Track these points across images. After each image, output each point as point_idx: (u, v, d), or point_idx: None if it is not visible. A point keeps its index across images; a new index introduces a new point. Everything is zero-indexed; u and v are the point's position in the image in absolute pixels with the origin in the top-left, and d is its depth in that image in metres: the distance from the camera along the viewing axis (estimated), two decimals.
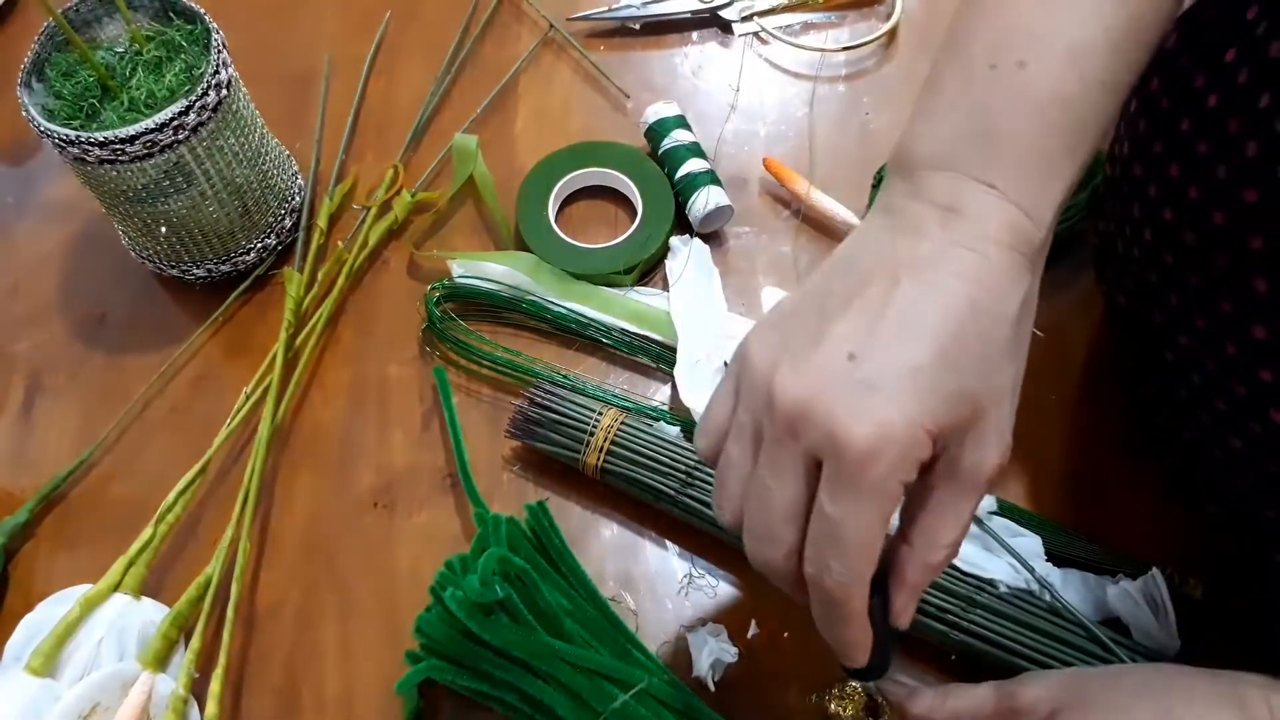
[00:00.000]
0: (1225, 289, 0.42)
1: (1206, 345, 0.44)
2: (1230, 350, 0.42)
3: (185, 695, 0.49)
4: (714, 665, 0.50)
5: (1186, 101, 0.44)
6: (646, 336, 0.61)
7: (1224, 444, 0.45)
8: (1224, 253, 0.42)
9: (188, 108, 0.54)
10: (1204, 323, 0.44)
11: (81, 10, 0.58)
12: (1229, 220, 0.41)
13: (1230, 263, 0.41)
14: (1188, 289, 0.44)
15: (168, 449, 0.59)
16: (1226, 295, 0.42)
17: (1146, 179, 0.47)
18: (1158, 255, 0.46)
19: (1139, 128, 0.48)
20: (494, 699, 0.48)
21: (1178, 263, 0.45)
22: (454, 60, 0.74)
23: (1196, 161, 0.43)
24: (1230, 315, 0.42)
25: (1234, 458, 0.45)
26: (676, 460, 0.54)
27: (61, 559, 0.56)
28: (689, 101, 0.70)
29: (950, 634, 0.50)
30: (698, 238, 0.64)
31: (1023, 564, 0.50)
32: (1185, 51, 0.44)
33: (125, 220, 0.59)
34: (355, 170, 0.69)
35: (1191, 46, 0.44)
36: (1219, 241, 0.42)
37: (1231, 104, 0.41)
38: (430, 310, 0.61)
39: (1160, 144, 0.46)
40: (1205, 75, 0.43)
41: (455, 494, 0.57)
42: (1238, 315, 0.42)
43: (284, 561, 0.56)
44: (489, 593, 0.47)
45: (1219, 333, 0.43)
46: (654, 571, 0.54)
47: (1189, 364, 0.46)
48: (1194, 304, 0.44)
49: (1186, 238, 0.44)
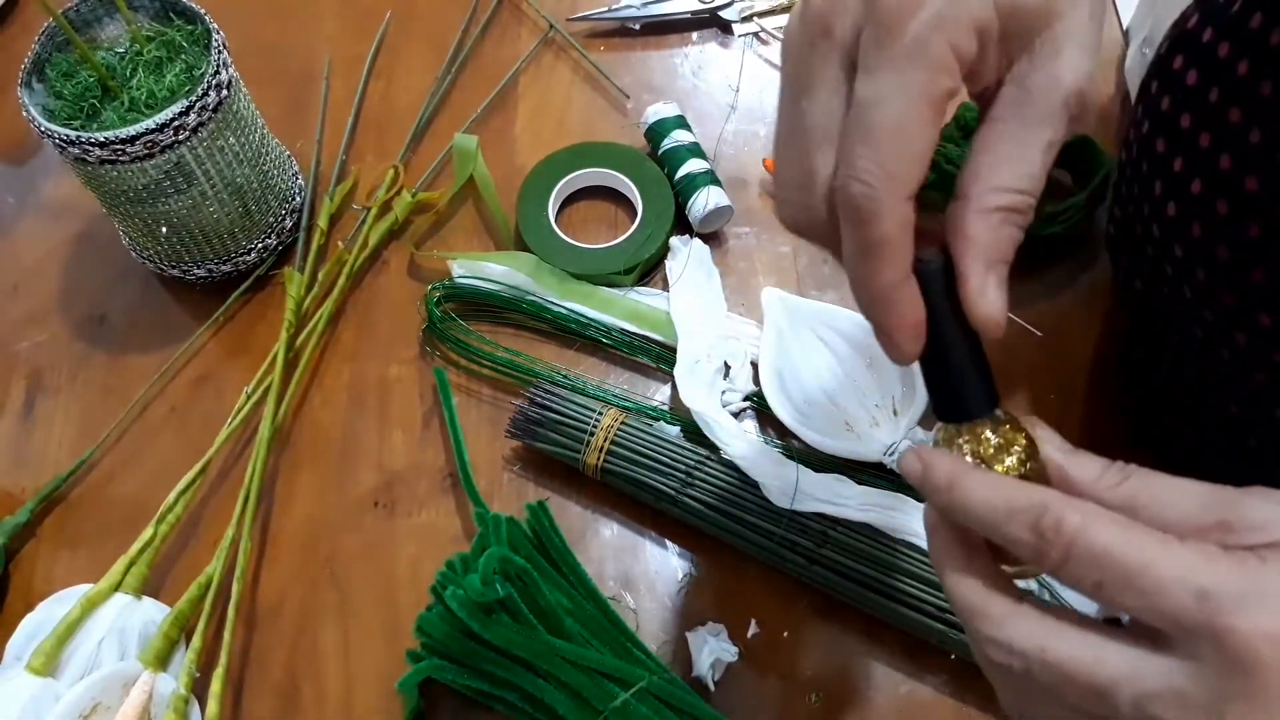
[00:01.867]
0: (1242, 272, 0.41)
1: (1231, 324, 0.41)
2: (1244, 338, 0.41)
3: (186, 694, 0.49)
4: (714, 665, 0.50)
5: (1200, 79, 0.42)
6: (646, 336, 0.61)
7: (1241, 440, 0.43)
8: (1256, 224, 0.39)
9: (188, 108, 0.54)
10: (1233, 300, 0.41)
11: (82, 10, 0.58)
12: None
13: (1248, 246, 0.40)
14: (1213, 263, 0.42)
15: (168, 449, 0.59)
16: (1246, 277, 0.40)
17: (1167, 156, 0.45)
18: (1177, 235, 0.44)
19: (1156, 109, 0.46)
20: (495, 698, 0.48)
21: (1201, 239, 0.42)
22: (454, 60, 0.74)
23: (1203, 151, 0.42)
24: (1245, 301, 0.41)
25: (1249, 454, 0.44)
26: (676, 460, 0.54)
27: (62, 559, 0.56)
28: (689, 102, 0.70)
29: (950, 633, 0.50)
30: (698, 238, 0.64)
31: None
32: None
33: (126, 220, 0.59)
34: (355, 170, 0.69)
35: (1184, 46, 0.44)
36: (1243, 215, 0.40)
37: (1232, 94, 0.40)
38: (430, 310, 0.61)
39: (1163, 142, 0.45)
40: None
41: (455, 494, 0.57)
42: (1254, 300, 0.40)
43: (285, 561, 0.56)
44: (490, 592, 0.47)
45: (1241, 312, 0.41)
46: (654, 571, 0.54)
47: (1211, 346, 0.43)
48: (1218, 282, 0.41)
49: (1208, 213, 0.41)
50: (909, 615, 0.50)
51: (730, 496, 0.53)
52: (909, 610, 0.50)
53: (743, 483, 0.53)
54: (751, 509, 0.53)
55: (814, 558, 0.52)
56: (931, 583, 0.50)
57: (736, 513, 0.53)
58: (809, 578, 0.52)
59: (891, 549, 0.52)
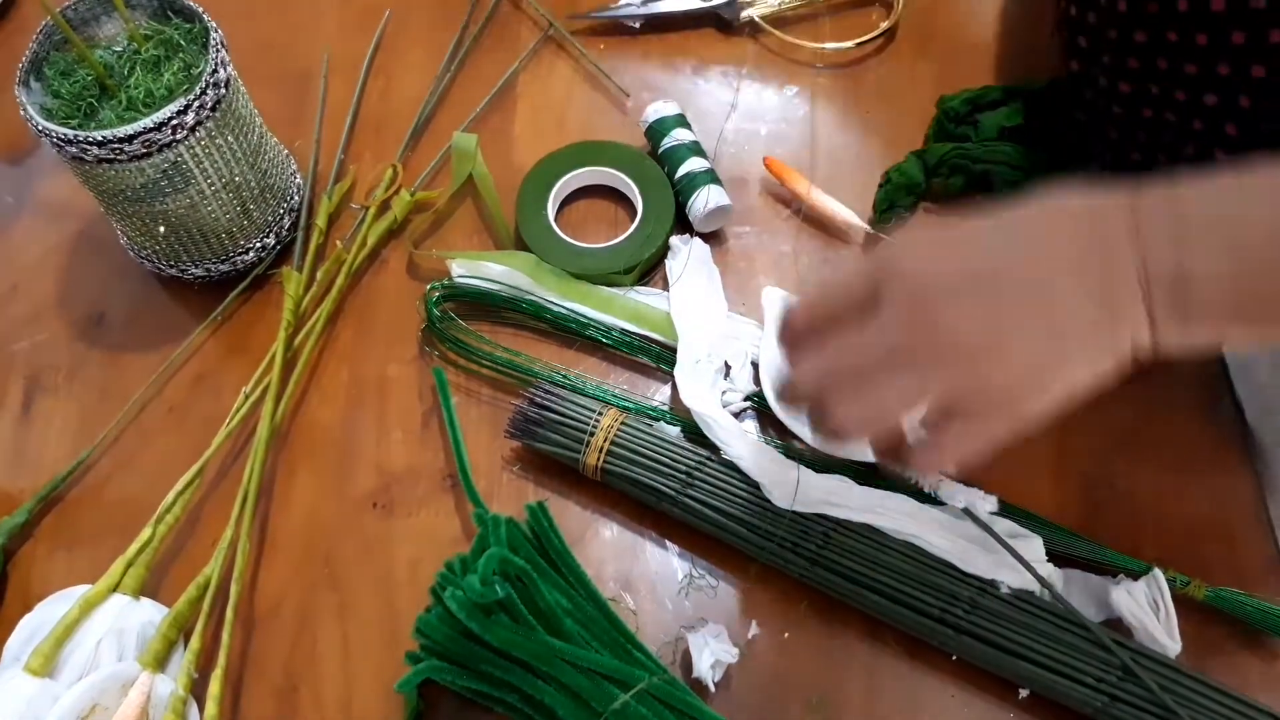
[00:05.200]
0: None
1: None
2: None
3: (184, 696, 0.49)
4: (714, 665, 0.50)
5: None
6: (646, 336, 0.61)
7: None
8: None
9: (186, 107, 0.53)
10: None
11: (79, 9, 0.57)
12: None
13: None
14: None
15: (166, 449, 0.59)
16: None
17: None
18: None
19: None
20: (494, 699, 0.48)
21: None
22: (453, 59, 0.74)
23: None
24: None
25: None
26: (677, 460, 0.54)
27: (60, 559, 0.56)
28: (689, 100, 0.70)
29: (950, 634, 0.50)
30: (698, 237, 0.64)
31: (1024, 565, 0.50)
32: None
33: (124, 219, 0.59)
34: (354, 169, 0.69)
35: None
36: None
37: None
38: (429, 310, 0.61)
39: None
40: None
41: (455, 494, 0.57)
42: None
43: (283, 562, 0.56)
44: (489, 593, 0.47)
45: None
46: (654, 571, 0.54)
47: None
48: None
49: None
50: (909, 616, 0.50)
51: (731, 497, 0.53)
52: (909, 611, 0.50)
53: (743, 483, 0.53)
54: (752, 510, 0.53)
55: (815, 558, 0.52)
56: (933, 584, 0.50)
57: (737, 513, 0.53)
58: (809, 578, 0.52)
59: (893, 550, 0.52)
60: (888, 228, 0.63)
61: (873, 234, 0.63)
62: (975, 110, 0.66)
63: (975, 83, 0.68)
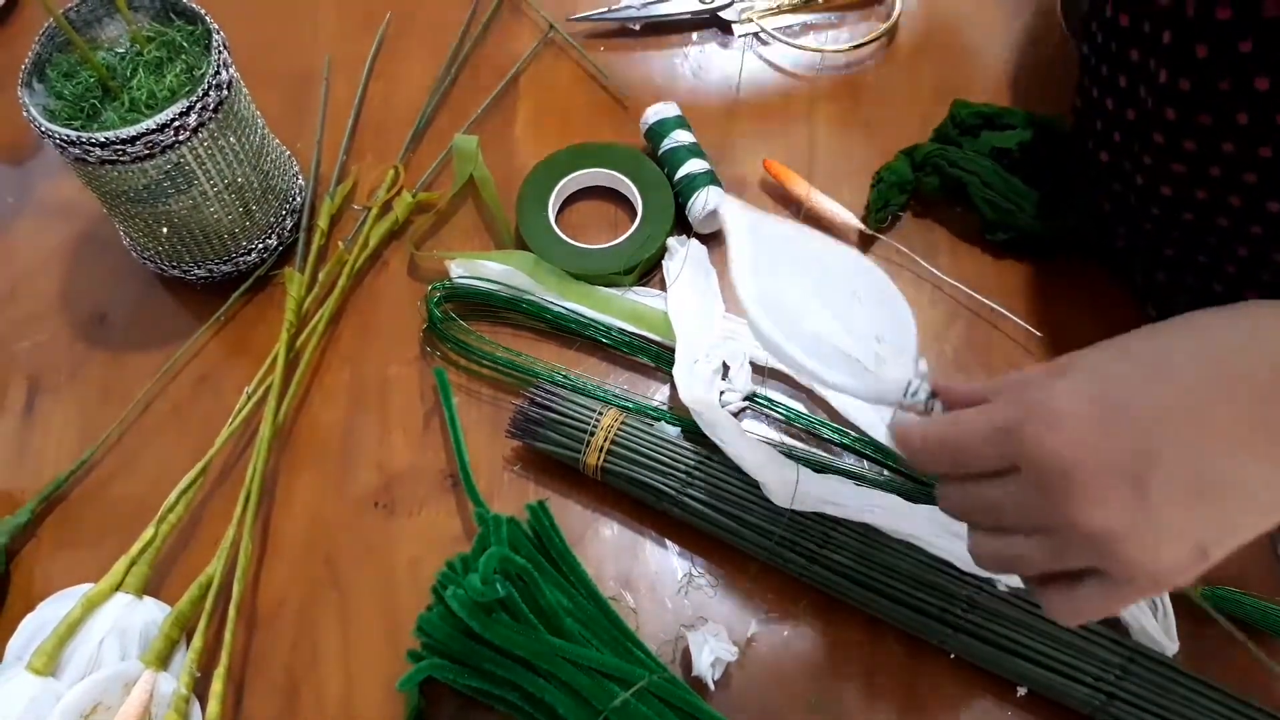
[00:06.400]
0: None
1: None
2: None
3: (187, 694, 0.49)
4: (714, 664, 0.50)
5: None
6: (646, 336, 0.61)
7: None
8: None
9: (188, 108, 0.54)
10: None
11: (82, 11, 0.58)
12: None
13: None
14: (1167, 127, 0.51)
15: (169, 449, 0.59)
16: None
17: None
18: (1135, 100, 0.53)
19: None
20: (495, 697, 0.49)
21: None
22: (454, 60, 0.74)
23: None
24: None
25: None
26: (677, 460, 0.54)
27: (63, 559, 0.56)
28: (689, 102, 0.70)
29: (950, 633, 0.50)
30: (695, 238, 0.64)
31: None
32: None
33: (126, 220, 0.59)
34: (356, 170, 0.69)
35: None
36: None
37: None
38: (431, 310, 0.61)
39: None
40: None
41: (455, 494, 0.57)
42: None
43: (285, 561, 0.56)
44: (490, 591, 0.47)
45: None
46: (654, 571, 0.54)
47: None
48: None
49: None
50: (908, 614, 0.51)
51: (730, 496, 0.53)
52: (908, 609, 0.50)
53: (743, 483, 0.53)
54: (752, 509, 0.53)
55: (814, 557, 0.52)
56: (931, 583, 0.51)
57: (737, 513, 0.53)
58: (809, 577, 0.52)
59: (891, 549, 0.52)
60: (882, 228, 0.63)
61: (867, 234, 0.63)
62: (986, 125, 0.65)
63: (974, 87, 0.68)
